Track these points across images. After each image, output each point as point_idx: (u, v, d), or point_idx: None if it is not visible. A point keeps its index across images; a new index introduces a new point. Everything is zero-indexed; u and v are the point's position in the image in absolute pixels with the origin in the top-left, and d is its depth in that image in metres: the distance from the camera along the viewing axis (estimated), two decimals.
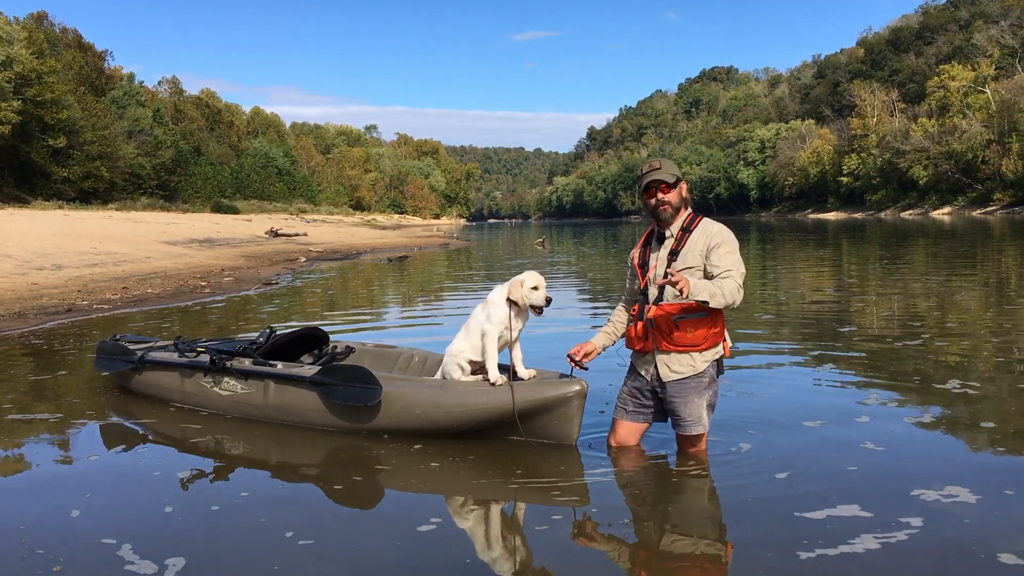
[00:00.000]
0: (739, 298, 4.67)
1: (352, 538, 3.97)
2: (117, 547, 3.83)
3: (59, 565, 3.66)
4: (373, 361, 6.54)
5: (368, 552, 3.81)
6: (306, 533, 3.96)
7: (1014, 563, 3.53)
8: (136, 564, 3.65)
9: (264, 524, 4.13)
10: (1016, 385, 6.95)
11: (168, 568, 3.61)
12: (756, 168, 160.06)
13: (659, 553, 3.79)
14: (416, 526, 4.06)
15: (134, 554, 3.75)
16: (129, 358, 6.75)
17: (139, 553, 3.76)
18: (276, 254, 29.27)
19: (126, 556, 3.73)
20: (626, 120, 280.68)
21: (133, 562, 3.67)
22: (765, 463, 4.90)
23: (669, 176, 4.88)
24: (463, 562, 3.69)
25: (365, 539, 3.97)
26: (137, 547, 3.82)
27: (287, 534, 3.95)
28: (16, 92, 61.81)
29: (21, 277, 15.74)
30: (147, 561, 3.67)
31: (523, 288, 5.26)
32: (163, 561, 3.67)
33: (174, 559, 3.69)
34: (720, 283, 4.61)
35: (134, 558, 3.71)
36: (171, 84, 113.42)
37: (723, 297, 4.57)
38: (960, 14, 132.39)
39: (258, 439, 5.80)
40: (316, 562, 3.68)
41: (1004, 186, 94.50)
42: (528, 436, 5.33)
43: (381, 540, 3.93)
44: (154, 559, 3.69)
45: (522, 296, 5.26)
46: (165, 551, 3.77)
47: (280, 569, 3.60)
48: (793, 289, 16.53)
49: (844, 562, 3.55)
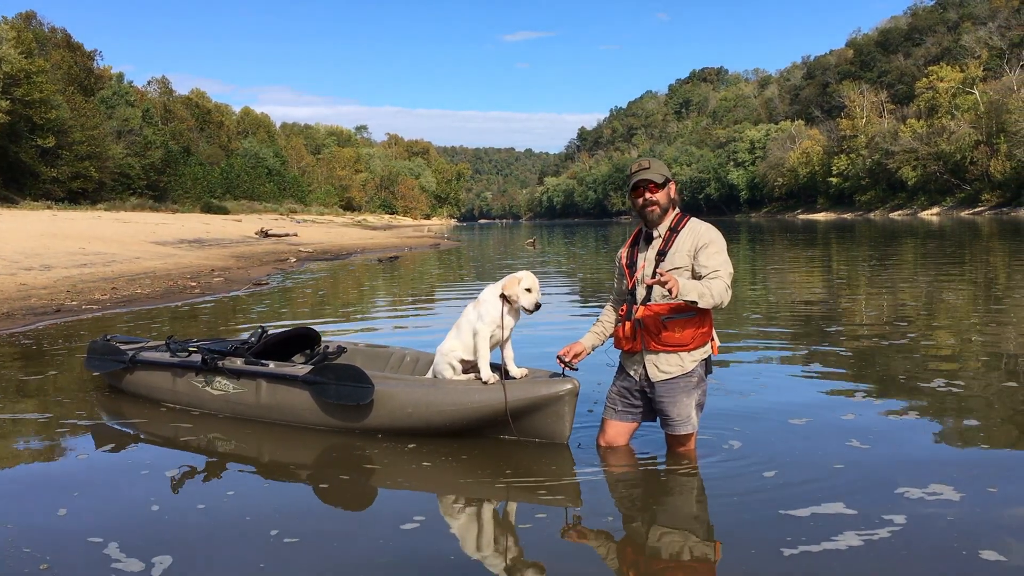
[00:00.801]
0: (727, 298, 4.68)
1: (336, 536, 3.97)
2: (103, 545, 3.83)
3: (45, 563, 3.65)
4: (365, 361, 6.53)
5: (352, 550, 3.81)
6: (291, 531, 3.97)
7: (995, 559, 3.56)
8: (123, 562, 3.66)
9: (249, 522, 4.13)
10: (1001, 383, 7.00)
11: (155, 566, 3.61)
12: (746, 169, 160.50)
13: (648, 551, 3.81)
14: (400, 523, 4.07)
15: (120, 552, 3.75)
16: (120, 358, 6.74)
17: (125, 551, 3.76)
18: (266, 254, 29.22)
19: (112, 554, 3.73)
20: (616, 121, 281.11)
21: (120, 560, 3.67)
22: (753, 461, 4.93)
23: (658, 176, 4.88)
24: (448, 559, 3.70)
25: (349, 537, 3.97)
26: (123, 545, 3.82)
27: (272, 532, 3.96)
28: (4, 92, 61.56)
29: (9, 277, 15.67)
30: (133, 559, 3.67)
31: (519, 285, 5.27)
32: (150, 559, 3.67)
33: (160, 557, 3.69)
34: (708, 283, 4.62)
35: (120, 556, 3.71)
36: (160, 84, 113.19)
37: (711, 297, 4.58)
38: (948, 16, 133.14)
39: (248, 438, 5.80)
40: (300, 559, 3.69)
41: (992, 187, 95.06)
42: (520, 435, 5.34)
43: (366, 538, 3.94)
44: (140, 557, 3.69)
45: (516, 293, 5.27)
46: (152, 549, 3.77)
47: (265, 567, 3.61)
48: (781, 289, 16.59)
49: (828, 559, 3.57)
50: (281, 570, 3.60)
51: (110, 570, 3.60)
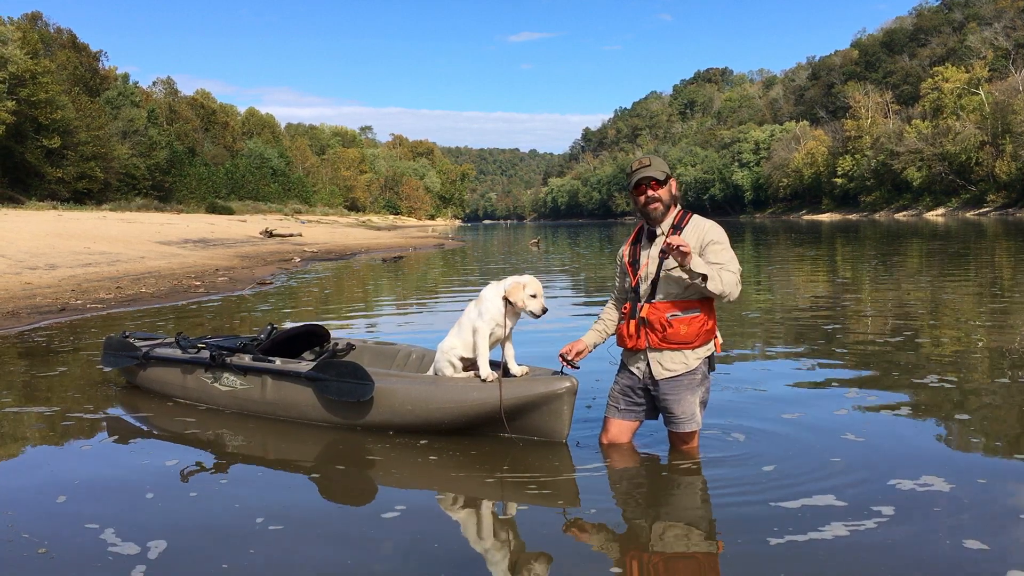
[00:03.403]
0: (736, 292, 4.69)
1: (332, 529, 4.03)
2: (100, 531, 3.92)
3: (43, 547, 3.75)
4: (373, 358, 6.58)
5: (349, 544, 3.85)
6: (285, 521, 4.04)
7: (977, 547, 3.61)
8: (118, 546, 3.75)
9: (243, 512, 4.21)
10: (1000, 381, 7.04)
11: (149, 550, 3.70)
12: (751, 169, 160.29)
13: (649, 548, 3.82)
14: (401, 517, 4.12)
15: (116, 536, 3.85)
16: (134, 354, 6.84)
17: (121, 536, 3.85)
18: (271, 254, 29.29)
19: (108, 539, 3.83)
20: (621, 121, 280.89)
21: (115, 544, 3.77)
22: (753, 456, 4.97)
23: (659, 173, 4.84)
24: (446, 555, 3.71)
25: (345, 530, 4.01)
26: (119, 531, 3.91)
27: (266, 523, 4.03)
28: (10, 92, 61.84)
29: (14, 277, 15.76)
30: (129, 543, 3.76)
31: (524, 292, 5.27)
32: (145, 543, 3.76)
33: (155, 542, 3.78)
34: (719, 271, 4.65)
35: (116, 540, 3.81)
36: (166, 85, 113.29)
37: (721, 283, 4.60)
38: (954, 16, 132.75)
39: (251, 433, 5.86)
40: (293, 549, 3.76)
41: (998, 187, 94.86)
42: (518, 433, 5.33)
43: (363, 532, 3.98)
44: (136, 541, 3.79)
45: (521, 299, 5.27)
46: (147, 535, 3.86)
47: (255, 553, 3.69)
48: (783, 288, 16.61)
49: (813, 548, 3.63)
50: (273, 556, 3.67)
51: (106, 553, 3.68)
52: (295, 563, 3.58)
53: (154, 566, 3.54)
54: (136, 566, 3.53)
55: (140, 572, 3.49)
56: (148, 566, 3.54)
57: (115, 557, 3.64)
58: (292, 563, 3.58)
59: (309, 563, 3.58)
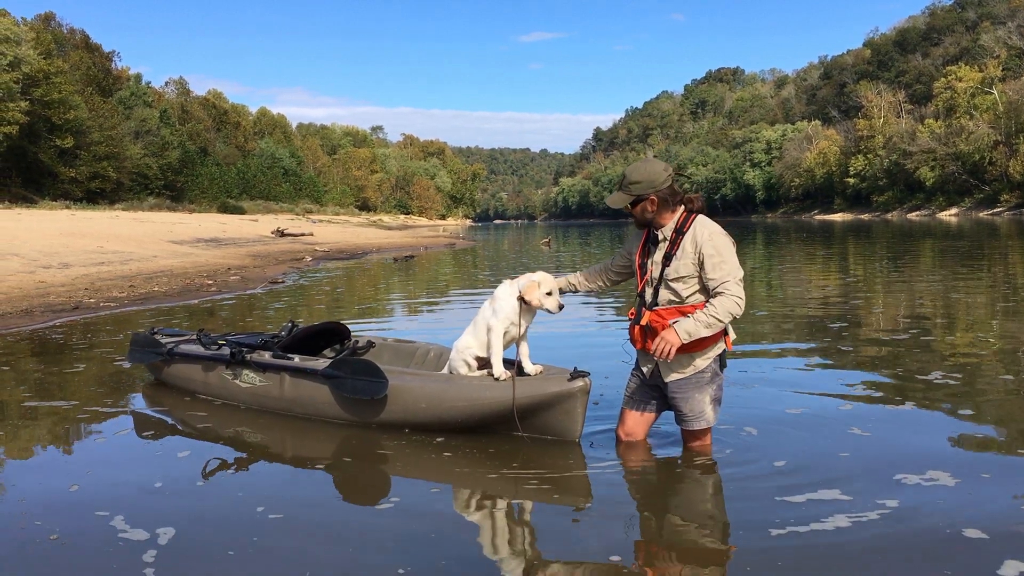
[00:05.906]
0: (740, 308, 4.62)
1: (328, 516, 4.10)
2: (110, 518, 4.00)
3: (55, 534, 3.83)
4: (392, 355, 6.59)
5: (344, 529, 3.92)
6: (295, 513, 4.10)
7: (976, 537, 3.64)
8: (128, 532, 3.83)
9: (253, 503, 4.25)
10: (1011, 378, 7.04)
11: (159, 536, 3.78)
12: (762, 169, 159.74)
13: (660, 544, 3.83)
14: (412, 513, 4.15)
15: (126, 524, 3.93)
16: (158, 350, 6.89)
17: (131, 523, 3.93)
18: (282, 253, 29.37)
19: (118, 526, 3.91)
20: (632, 121, 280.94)
21: (125, 531, 3.85)
22: (763, 450, 4.99)
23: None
24: (459, 551, 3.72)
25: (356, 525, 4.03)
26: (129, 518, 4.00)
27: (273, 513, 4.10)
28: (24, 93, 62.33)
29: (28, 275, 15.89)
30: (138, 530, 3.85)
31: (539, 290, 5.25)
32: (154, 530, 3.84)
33: (164, 529, 3.86)
34: (713, 307, 4.59)
35: (126, 527, 3.89)
36: (178, 85, 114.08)
37: (719, 321, 4.59)
38: (967, 15, 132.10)
39: (267, 428, 5.89)
40: (283, 533, 3.86)
41: (1011, 187, 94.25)
42: (531, 432, 5.32)
43: (374, 527, 4.00)
44: (145, 528, 3.87)
45: (537, 298, 5.25)
46: (156, 522, 3.94)
47: (259, 541, 3.78)
48: (794, 286, 16.60)
49: (816, 539, 3.68)
50: (280, 544, 3.73)
51: (116, 539, 3.77)
52: (302, 554, 3.63)
53: (163, 552, 3.61)
54: (146, 551, 3.61)
55: (150, 556, 3.57)
56: (158, 551, 3.62)
57: (125, 543, 3.72)
58: (299, 554, 3.63)
59: (315, 554, 3.63)
